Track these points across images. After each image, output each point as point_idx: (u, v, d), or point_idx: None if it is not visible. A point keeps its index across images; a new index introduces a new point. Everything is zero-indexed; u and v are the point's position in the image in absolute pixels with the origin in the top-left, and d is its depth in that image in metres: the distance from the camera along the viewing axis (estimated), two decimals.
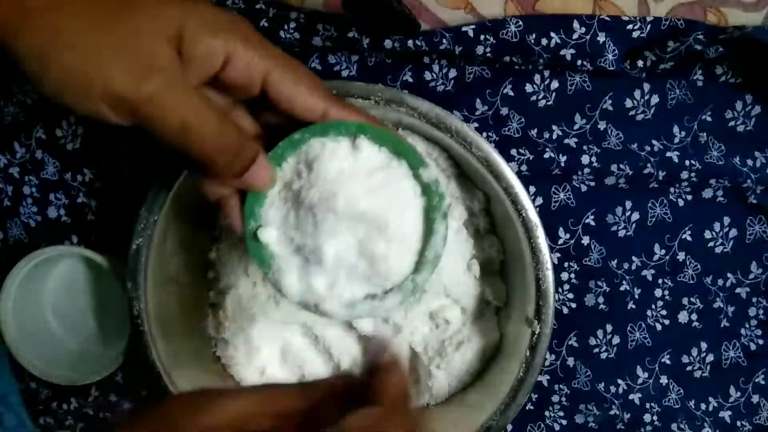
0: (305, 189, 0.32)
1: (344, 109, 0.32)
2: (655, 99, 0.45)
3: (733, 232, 0.47)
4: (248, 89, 0.31)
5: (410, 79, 0.44)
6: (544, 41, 0.42)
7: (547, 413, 0.47)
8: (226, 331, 0.43)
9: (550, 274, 0.39)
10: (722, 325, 0.47)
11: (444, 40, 0.42)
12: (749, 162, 0.45)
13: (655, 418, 0.47)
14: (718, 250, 0.47)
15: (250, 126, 0.33)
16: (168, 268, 0.41)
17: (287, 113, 0.32)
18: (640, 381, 0.47)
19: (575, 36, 0.42)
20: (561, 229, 0.45)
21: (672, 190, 0.46)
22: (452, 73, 0.44)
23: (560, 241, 0.46)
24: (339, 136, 0.32)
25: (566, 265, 0.46)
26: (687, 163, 0.45)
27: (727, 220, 0.47)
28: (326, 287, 0.33)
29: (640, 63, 0.43)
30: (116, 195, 0.46)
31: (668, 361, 0.47)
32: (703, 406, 0.48)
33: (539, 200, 0.45)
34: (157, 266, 0.40)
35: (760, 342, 0.48)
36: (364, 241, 0.32)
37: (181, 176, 0.38)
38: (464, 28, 0.42)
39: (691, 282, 0.47)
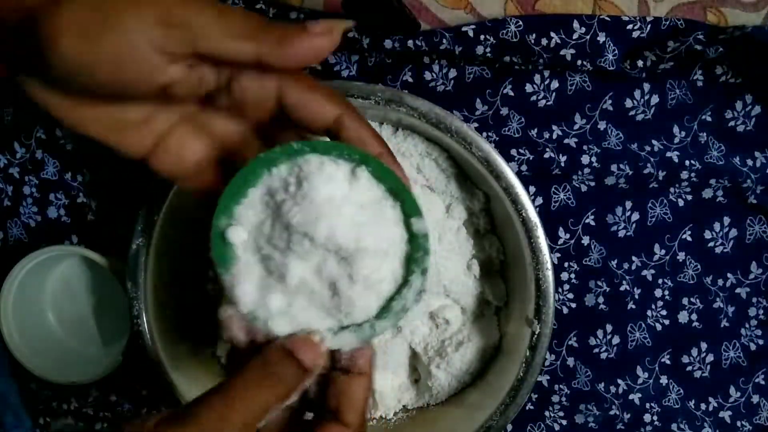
0: (288, 205, 0.30)
1: (358, 120, 0.31)
2: (655, 99, 0.45)
3: (733, 232, 0.47)
4: (261, 102, 0.30)
5: (410, 79, 0.44)
6: (544, 41, 0.42)
7: (547, 413, 0.47)
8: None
9: (550, 274, 0.39)
10: (722, 325, 0.47)
11: (444, 40, 0.42)
12: (749, 162, 0.45)
13: (655, 418, 0.47)
14: (718, 250, 0.47)
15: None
16: (168, 268, 0.41)
17: (300, 122, 0.31)
18: (640, 381, 0.47)
19: (575, 36, 0.42)
20: (561, 229, 0.45)
21: (672, 190, 0.46)
22: (452, 73, 0.44)
23: (560, 241, 0.46)
24: (340, 159, 0.31)
25: (566, 265, 0.46)
26: (687, 163, 0.45)
27: (727, 220, 0.47)
28: (282, 306, 0.31)
29: (640, 63, 0.43)
30: (116, 195, 0.46)
31: (668, 361, 0.47)
32: (703, 406, 0.48)
33: (539, 200, 0.45)
34: (157, 266, 0.40)
35: (760, 342, 0.48)
36: (335, 275, 0.31)
37: None
38: (464, 28, 0.42)
39: (691, 282, 0.47)
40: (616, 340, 0.46)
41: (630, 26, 0.42)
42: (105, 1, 0.26)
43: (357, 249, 0.30)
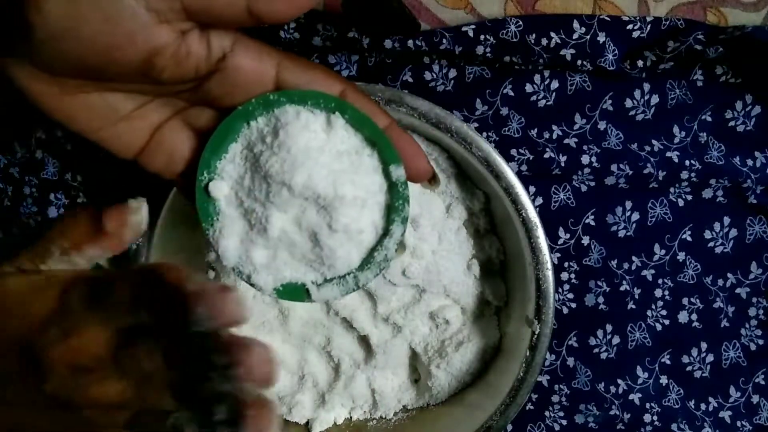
0: (266, 155, 0.30)
1: (361, 94, 0.31)
2: (655, 99, 0.45)
3: (733, 232, 0.47)
4: (257, 84, 0.30)
5: (410, 79, 0.44)
6: (544, 41, 0.42)
7: (547, 413, 0.47)
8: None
9: (550, 274, 0.39)
10: (722, 325, 0.47)
11: (444, 40, 0.42)
12: (749, 162, 0.45)
13: (655, 418, 0.47)
14: (718, 250, 0.47)
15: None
16: None
17: None
18: (640, 381, 0.47)
19: (575, 36, 0.42)
20: (561, 229, 0.45)
21: (672, 190, 0.46)
22: (452, 73, 0.44)
23: (560, 241, 0.46)
24: (316, 108, 0.30)
25: (566, 265, 0.46)
26: (687, 163, 0.45)
27: (727, 220, 0.47)
28: (265, 259, 0.31)
29: (640, 63, 0.43)
30: (116, 195, 0.46)
31: (668, 361, 0.47)
32: (703, 406, 0.48)
33: (539, 200, 0.45)
34: None
35: (760, 342, 0.48)
36: (314, 224, 0.30)
37: None
38: (464, 28, 0.42)
39: (691, 282, 0.47)
40: (616, 340, 0.46)
41: (630, 26, 0.42)
42: None
43: (335, 197, 0.30)
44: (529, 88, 0.44)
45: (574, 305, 0.46)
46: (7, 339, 0.25)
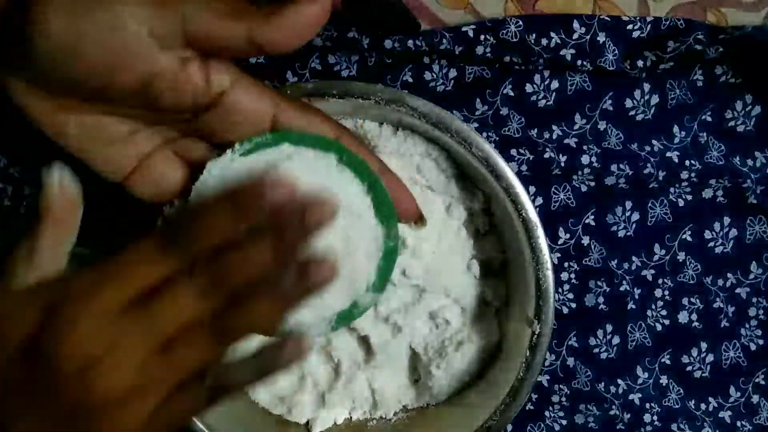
0: None
1: (355, 140, 0.32)
2: (655, 99, 0.45)
3: (733, 232, 0.47)
4: (253, 122, 0.30)
5: (410, 79, 0.44)
6: (544, 41, 0.42)
7: (547, 413, 0.47)
8: None
9: (550, 274, 0.39)
10: (722, 325, 0.47)
11: (444, 40, 0.42)
12: (749, 162, 0.45)
13: (655, 418, 0.47)
14: (718, 250, 0.47)
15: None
16: None
17: None
18: (640, 381, 0.47)
19: (575, 36, 0.42)
20: (561, 229, 0.45)
21: (672, 190, 0.46)
22: (452, 73, 0.44)
23: (560, 241, 0.46)
24: (321, 150, 0.31)
25: (566, 265, 0.46)
26: (687, 163, 0.45)
27: (727, 220, 0.47)
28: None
29: (640, 63, 0.43)
30: (116, 195, 0.46)
31: (668, 361, 0.47)
32: (703, 407, 0.48)
33: (539, 200, 0.45)
34: None
35: (760, 342, 0.48)
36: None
37: None
38: (464, 28, 0.42)
39: (691, 282, 0.47)
40: (616, 340, 0.46)
41: (630, 26, 0.42)
42: None
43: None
44: (529, 88, 0.44)
45: (574, 305, 0.46)
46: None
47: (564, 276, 0.46)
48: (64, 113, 0.29)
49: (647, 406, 0.47)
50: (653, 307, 0.47)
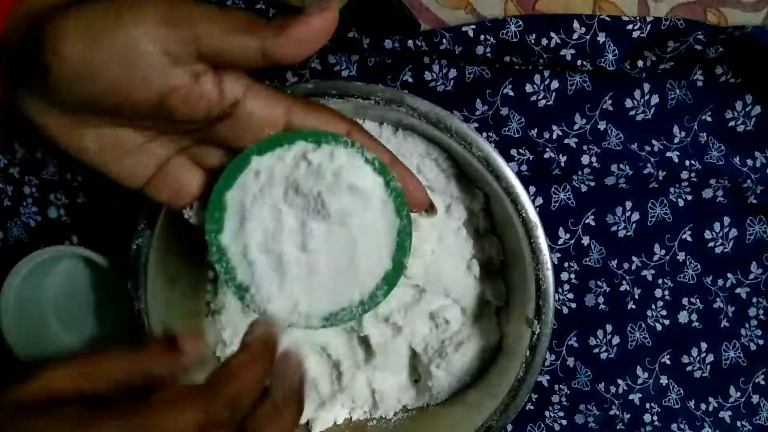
0: (312, 187, 0.31)
1: (366, 134, 0.32)
2: (655, 99, 0.45)
3: (733, 232, 0.47)
4: (267, 127, 0.30)
5: (410, 79, 0.44)
6: (544, 41, 0.42)
7: (547, 413, 0.47)
8: (225, 331, 0.43)
9: (550, 274, 0.39)
10: (722, 325, 0.47)
11: (444, 40, 0.42)
12: (749, 162, 0.45)
13: (655, 418, 0.47)
14: (718, 250, 0.47)
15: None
16: (168, 269, 0.41)
17: None
18: (640, 381, 0.47)
19: (575, 36, 0.42)
20: (561, 229, 0.45)
21: (672, 190, 0.46)
22: (452, 73, 0.44)
23: (560, 241, 0.46)
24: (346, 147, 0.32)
25: (566, 265, 0.46)
26: (687, 163, 0.45)
27: (727, 220, 0.47)
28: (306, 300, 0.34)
29: (640, 63, 0.43)
30: (116, 195, 0.46)
31: (668, 361, 0.47)
32: (703, 406, 0.48)
33: (539, 200, 0.45)
34: (157, 266, 0.40)
35: (760, 342, 0.48)
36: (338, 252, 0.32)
37: None
38: (464, 28, 0.42)
39: (691, 282, 0.47)
40: (616, 340, 0.46)
41: (630, 26, 0.42)
42: (111, 5, 0.26)
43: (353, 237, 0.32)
44: (529, 88, 0.44)
45: (574, 305, 0.46)
46: None
47: (564, 276, 0.46)
48: (82, 128, 0.29)
49: (647, 406, 0.47)
50: (653, 307, 0.47)
